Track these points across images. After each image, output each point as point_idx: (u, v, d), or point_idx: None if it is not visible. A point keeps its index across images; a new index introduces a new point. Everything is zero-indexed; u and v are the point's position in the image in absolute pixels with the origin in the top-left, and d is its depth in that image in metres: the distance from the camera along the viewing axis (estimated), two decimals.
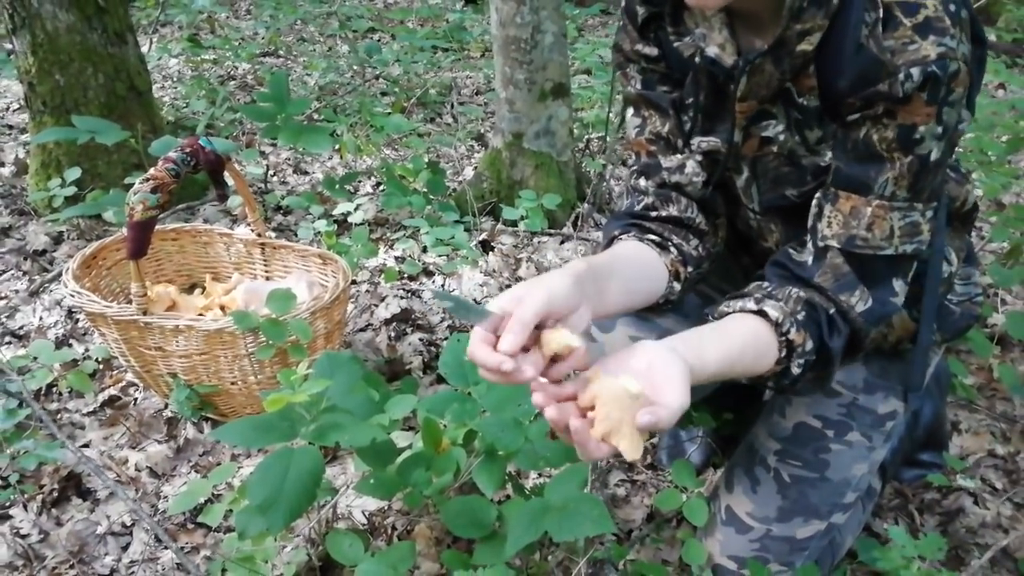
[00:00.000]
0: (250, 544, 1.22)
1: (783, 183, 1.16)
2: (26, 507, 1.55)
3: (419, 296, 2.31)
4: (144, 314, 1.62)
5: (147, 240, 1.58)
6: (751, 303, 1.06)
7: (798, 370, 1.05)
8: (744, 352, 1.01)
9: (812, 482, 1.30)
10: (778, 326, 1.03)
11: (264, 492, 1.06)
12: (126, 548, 1.49)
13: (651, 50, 1.20)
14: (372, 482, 1.30)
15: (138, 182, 1.55)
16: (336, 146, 3.16)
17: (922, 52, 0.95)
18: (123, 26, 2.68)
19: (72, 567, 1.44)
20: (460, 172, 3.16)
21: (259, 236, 1.98)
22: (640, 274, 1.17)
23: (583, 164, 2.87)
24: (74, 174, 2.58)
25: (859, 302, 1.08)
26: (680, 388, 0.86)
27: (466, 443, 1.37)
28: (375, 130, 3.12)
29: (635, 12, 1.18)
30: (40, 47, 2.52)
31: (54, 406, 1.84)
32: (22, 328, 2.12)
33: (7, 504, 1.56)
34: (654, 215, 1.24)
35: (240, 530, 1.16)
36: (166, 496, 1.60)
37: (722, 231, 1.34)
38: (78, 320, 2.15)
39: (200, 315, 1.83)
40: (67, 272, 1.74)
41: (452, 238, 2.27)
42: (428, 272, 2.43)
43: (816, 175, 1.12)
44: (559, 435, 0.87)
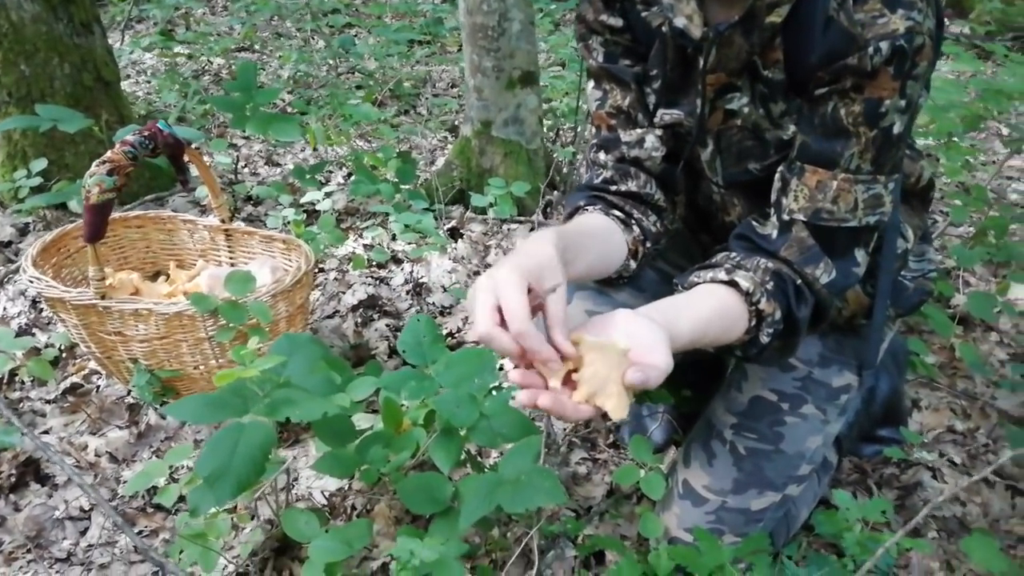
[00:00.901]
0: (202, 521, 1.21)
1: (746, 157, 1.16)
2: None
3: (387, 283, 2.30)
4: (103, 299, 1.61)
5: (104, 223, 1.57)
6: (722, 273, 1.06)
7: (767, 339, 1.06)
8: (715, 321, 1.01)
9: (767, 454, 1.31)
10: (749, 296, 1.04)
11: (213, 464, 1.05)
12: (84, 533, 1.48)
13: (616, 21, 1.19)
14: (330, 460, 1.30)
15: (95, 164, 1.53)
16: (306, 135, 3.15)
17: (891, 26, 0.95)
18: (89, 16, 2.66)
19: (29, 551, 1.43)
20: (433, 163, 3.15)
21: (223, 222, 1.97)
22: (604, 249, 1.17)
23: (553, 152, 2.87)
24: (40, 165, 2.56)
25: (823, 274, 1.09)
26: (665, 350, 0.86)
27: (427, 424, 1.37)
28: (345, 119, 3.11)
29: None
30: (5, 37, 2.50)
31: (16, 395, 1.83)
32: None
33: None
34: (613, 189, 1.25)
35: (192, 507, 1.15)
36: (126, 481, 1.59)
37: (680, 208, 1.34)
38: (42, 310, 2.13)
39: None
40: (26, 259, 1.73)
41: (419, 223, 2.26)
42: (397, 260, 2.42)
43: (779, 149, 1.12)
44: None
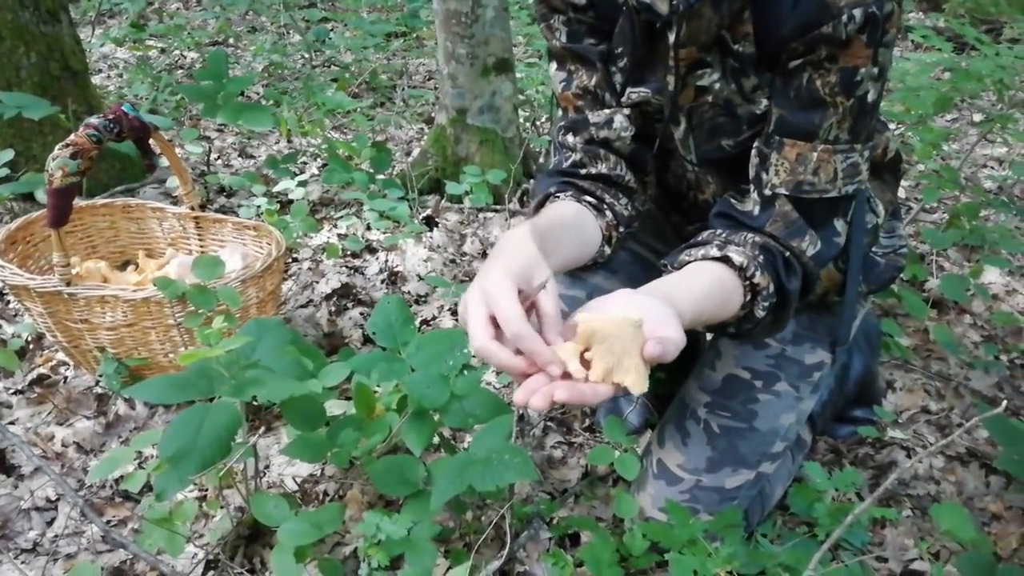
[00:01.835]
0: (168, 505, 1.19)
1: (719, 133, 1.16)
2: None
3: (362, 272, 2.28)
4: (68, 285, 1.58)
5: (68, 208, 1.54)
6: (714, 250, 1.05)
7: (762, 312, 1.05)
8: (713, 297, 1.00)
9: (741, 432, 1.30)
10: (743, 270, 1.03)
11: (177, 444, 1.04)
12: (51, 523, 1.45)
13: None
14: (300, 444, 1.28)
15: (57, 148, 1.50)
16: (278, 125, 3.12)
17: None
18: (56, 5, 2.61)
19: None
20: (409, 154, 3.13)
21: (192, 209, 1.94)
22: (580, 239, 1.15)
23: (529, 140, 2.85)
24: (7, 156, 2.50)
25: (809, 246, 1.09)
26: (677, 325, 0.84)
27: (399, 410, 1.35)
28: (318, 107, 3.08)
29: None
30: None
31: None
32: None
33: None
34: (583, 172, 1.23)
35: (158, 491, 1.12)
36: None
37: (651, 188, 1.34)
38: (8, 301, 2.09)
39: None
40: None
41: (393, 210, 2.24)
42: (371, 249, 2.40)
43: (752, 124, 1.12)
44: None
